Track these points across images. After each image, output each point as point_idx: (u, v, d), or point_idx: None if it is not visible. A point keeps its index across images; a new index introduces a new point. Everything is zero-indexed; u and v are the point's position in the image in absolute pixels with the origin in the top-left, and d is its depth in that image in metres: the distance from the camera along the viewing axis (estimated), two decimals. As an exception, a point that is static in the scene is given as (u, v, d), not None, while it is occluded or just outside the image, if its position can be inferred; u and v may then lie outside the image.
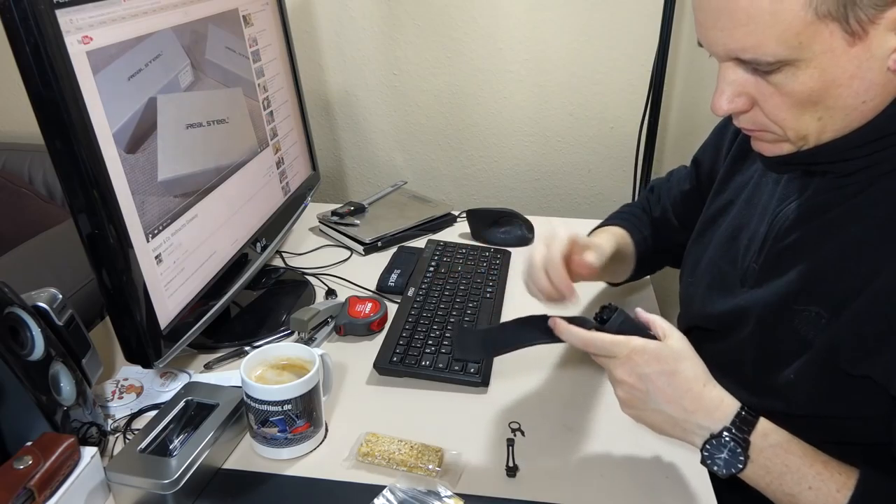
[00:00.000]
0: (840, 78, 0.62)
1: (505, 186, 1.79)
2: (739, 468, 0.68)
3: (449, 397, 0.94)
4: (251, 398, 0.80)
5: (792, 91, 0.64)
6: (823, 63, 0.61)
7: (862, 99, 0.64)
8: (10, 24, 0.67)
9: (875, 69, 0.62)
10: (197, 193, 0.94)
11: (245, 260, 1.06)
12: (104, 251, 0.77)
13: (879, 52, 0.61)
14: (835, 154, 0.69)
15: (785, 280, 0.76)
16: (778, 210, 0.79)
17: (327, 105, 1.74)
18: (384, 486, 0.78)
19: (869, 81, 0.63)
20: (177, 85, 0.90)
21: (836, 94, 0.63)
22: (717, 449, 0.68)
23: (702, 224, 0.95)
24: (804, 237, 0.75)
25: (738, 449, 0.67)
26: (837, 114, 0.65)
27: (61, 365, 0.81)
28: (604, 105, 1.65)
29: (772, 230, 0.79)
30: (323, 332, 1.06)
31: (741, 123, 0.71)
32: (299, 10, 1.62)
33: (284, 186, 1.24)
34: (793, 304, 0.74)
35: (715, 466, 0.69)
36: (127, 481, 0.75)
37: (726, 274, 0.86)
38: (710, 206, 0.95)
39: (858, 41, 0.60)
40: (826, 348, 0.70)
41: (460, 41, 1.63)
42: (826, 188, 0.74)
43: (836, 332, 0.69)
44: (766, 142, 0.72)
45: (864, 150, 0.68)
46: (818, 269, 0.72)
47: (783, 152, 0.71)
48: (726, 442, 0.68)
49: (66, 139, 0.72)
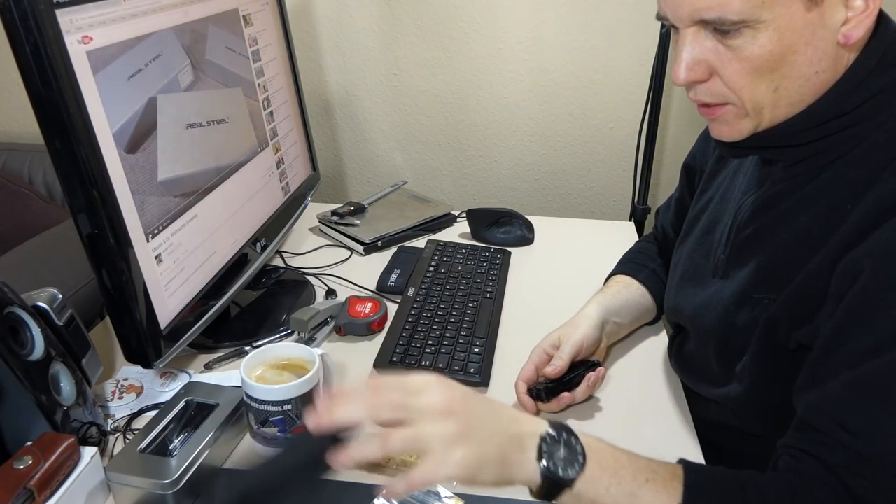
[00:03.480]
0: (796, 43, 0.64)
1: (505, 186, 1.79)
2: (581, 462, 0.61)
3: (449, 397, 0.94)
4: (251, 398, 0.80)
5: (751, 55, 0.65)
6: (782, 26, 0.63)
7: (815, 69, 0.66)
8: (10, 24, 0.67)
9: (827, 39, 0.65)
10: (197, 193, 0.94)
11: (245, 260, 1.06)
12: (104, 251, 0.77)
13: (831, 23, 0.64)
14: (784, 137, 0.71)
15: (745, 271, 0.78)
16: (741, 202, 0.82)
17: (327, 105, 1.74)
18: (384, 486, 0.78)
19: (822, 51, 0.65)
20: (177, 85, 0.90)
21: (792, 61, 0.66)
22: (555, 446, 0.62)
23: (687, 223, 0.97)
24: (760, 228, 0.78)
25: (573, 440, 0.62)
26: (792, 84, 0.67)
27: (61, 365, 0.81)
28: (604, 105, 1.65)
29: (735, 222, 0.82)
30: (323, 332, 1.06)
31: (699, 96, 0.72)
32: (299, 10, 1.62)
33: (284, 186, 1.24)
34: (753, 293, 0.76)
35: (558, 466, 0.61)
36: (127, 481, 0.75)
37: (699, 266, 0.88)
38: (694, 206, 0.96)
39: (815, 7, 0.63)
40: (767, 326, 0.73)
41: (460, 41, 1.63)
42: (779, 179, 0.76)
43: (776, 309, 0.72)
44: (725, 122, 0.73)
45: (809, 134, 0.70)
46: (773, 258, 0.75)
47: (743, 133, 0.73)
48: (559, 438, 0.62)
49: (66, 139, 0.72)
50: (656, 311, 1.07)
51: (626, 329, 1.04)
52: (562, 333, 0.93)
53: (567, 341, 0.90)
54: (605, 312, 0.98)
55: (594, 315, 0.96)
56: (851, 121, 0.69)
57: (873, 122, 0.68)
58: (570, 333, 0.92)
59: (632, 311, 1.03)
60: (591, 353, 0.94)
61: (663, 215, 1.11)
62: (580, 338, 0.91)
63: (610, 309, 0.99)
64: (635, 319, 1.04)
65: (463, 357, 0.98)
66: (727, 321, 0.80)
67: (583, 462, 0.61)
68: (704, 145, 1.00)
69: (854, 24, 0.64)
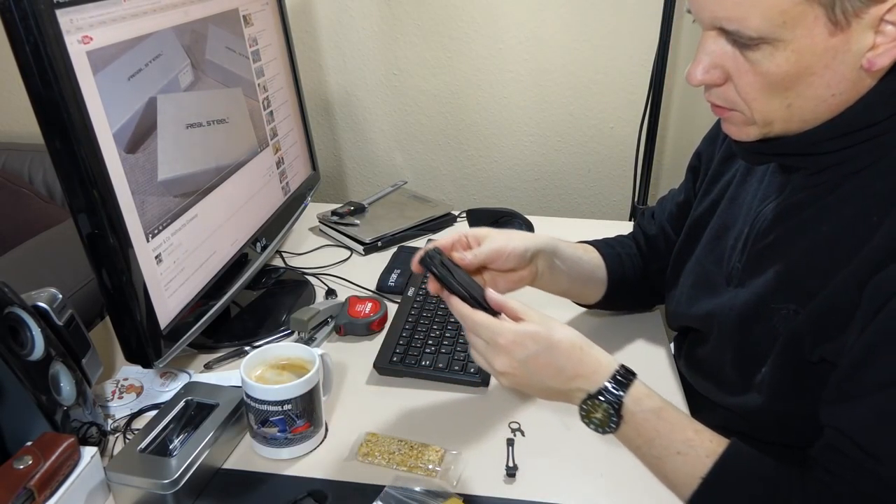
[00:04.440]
0: (815, 66, 0.63)
1: (505, 186, 1.79)
2: (613, 428, 0.71)
3: (449, 397, 0.94)
4: (251, 398, 0.80)
5: (767, 71, 0.64)
6: (802, 47, 0.62)
7: (832, 92, 0.65)
8: (10, 24, 0.67)
9: (849, 63, 0.63)
10: (197, 193, 0.94)
11: (245, 260, 1.06)
12: (104, 251, 0.77)
13: (856, 48, 0.62)
14: (806, 146, 0.70)
15: (763, 279, 0.77)
16: (759, 210, 0.80)
17: (327, 105, 1.74)
18: (384, 486, 0.78)
19: (841, 75, 0.64)
20: (177, 85, 0.90)
21: (809, 82, 0.64)
22: (593, 409, 0.71)
23: (690, 225, 0.95)
24: (781, 237, 0.76)
25: (611, 410, 0.71)
26: (807, 103, 0.66)
27: (61, 365, 0.81)
28: (604, 105, 1.65)
29: (752, 230, 0.80)
30: (323, 332, 1.06)
31: (712, 98, 0.72)
32: (299, 10, 1.62)
33: (284, 186, 1.24)
34: (770, 303, 0.75)
35: (591, 425, 0.72)
36: (127, 481, 0.75)
37: (711, 273, 0.87)
38: (697, 208, 0.95)
39: (840, 32, 0.61)
40: (791, 339, 0.72)
41: (460, 41, 1.63)
42: (801, 187, 0.75)
43: (801, 323, 0.71)
44: (733, 123, 0.72)
45: (835, 143, 0.69)
46: (793, 268, 0.74)
47: (749, 137, 0.72)
48: (600, 402, 0.71)
49: (66, 139, 0.72)
50: (605, 290, 1.02)
51: (563, 282, 0.96)
52: (493, 234, 0.86)
53: (491, 242, 0.84)
54: (552, 248, 0.91)
55: (538, 241, 0.89)
56: (880, 131, 0.66)
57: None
58: (500, 238, 0.85)
59: (579, 270, 0.98)
60: (510, 270, 0.86)
61: (660, 214, 1.07)
62: (505, 246, 0.84)
63: (559, 250, 0.93)
64: (577, 280, 0.99)
65: (463, 357, 0.98)
66: (743, 330, 0.78)
67: (615, 428, 0.71)
68: (710, 146, 0.98)
69: (882, 50, 0.62)
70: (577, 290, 1.02)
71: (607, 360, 0.73)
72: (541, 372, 0.72)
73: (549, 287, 0.95)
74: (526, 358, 0.71)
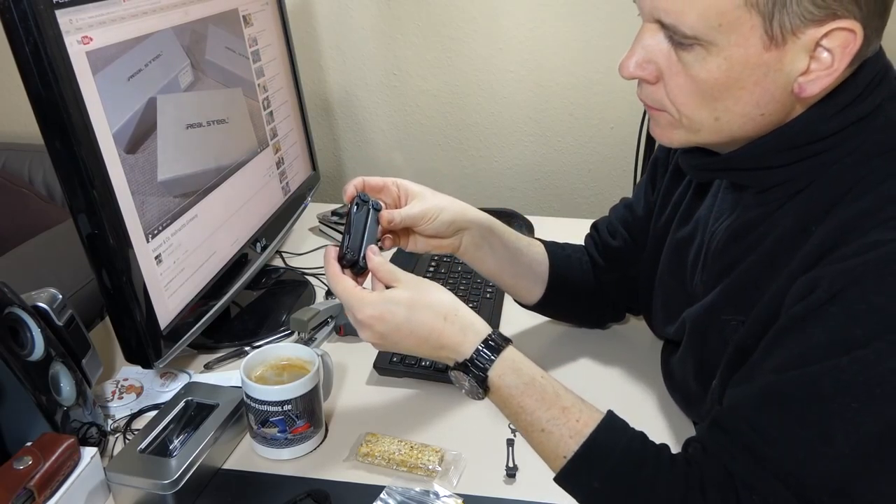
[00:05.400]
0: (745, 80, 0.62)
1: (505, 186, 1.79)
2: (481, 397, 0.72)
3: (449, 397, 0.94)
4: (251, 398, 0.80)
5: (696, 75, 0.63)
6: (734, 56, 0.61)
7: (761, 111, 0.64)
8: (10, 24, 0.67)
9: (780, 84, 0.62)
10: (197, 193, 0.94)
11: (245, 260, 1.06)
12: (104, 251, 0.77)
13: (789, 69, 0.61)
14: (753, 159, 0.69)
15: (714, 293, 0.76)
16: (714, 228, 0.79)
17: (327, 105, 1.74)
18: (384, 486, 0.78)
19: (770, 95, 0.63)
20: (177, 85, 0.90)
21: (737, 97, 0.63)
22: (460, 379, 0.73)
23: (651, 242, 0.94)
24: (735, 255, 0.75)
25: (475, 382, 0.71)
26: (735, 119, 0.65)
27: (61, 365, 0.81)
28: (604, 105, 1.65)
29: (708, 249, 0.79)
30: (323, 332, 1.06)
31: (642, 96, 0.71)
32: (299, 10, 1.62)
33: (284, 186, 1.24)
34: (720, 315, 0.74)
35: (463, 390, 0.73)
36: (127, 481, 0.75)
37: (674, 290, 0.87)
38: (655, 225, 0.93)
39: (774, 48, 0.60)
40: (736, 350, 0.71)
41: (460, 41, 1.63)
42: (751, 205, 0.73)
43: (744, 334, 0.70)
44: (659, 125, 0.72)
45: (782, 157, 0.67)
46: (741, 281, 0.73)
47: (675, 141, 0.71)
48: (465, 375, 0.71)
49: (66, 139, 0.72)
50: (545, 289, 0.98)
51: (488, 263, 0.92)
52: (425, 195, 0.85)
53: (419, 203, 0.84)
54: (486, 227, 0.89)
55: (470, 216, 0.88)
56: (825, 147, 0.65)
57: (846, 147, 0.65)
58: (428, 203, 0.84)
59: (511, 259, 0.94)
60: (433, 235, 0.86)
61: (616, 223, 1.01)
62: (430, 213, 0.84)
63: (495, 233, 0.90)
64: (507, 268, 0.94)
65: (463, 357, 0.98)
66: (698, 343, 0.78)
67: (482, 397, 0.72)
68: (666, 154, 0.95)
69: (813, 77, 0.61)
70: (510, 280, 0.96)
71: (476, 328, 0.72)
72: (404, 341, 0.72)
73: (473, 264, 0.92)
74: (386, 332, 0.72)
